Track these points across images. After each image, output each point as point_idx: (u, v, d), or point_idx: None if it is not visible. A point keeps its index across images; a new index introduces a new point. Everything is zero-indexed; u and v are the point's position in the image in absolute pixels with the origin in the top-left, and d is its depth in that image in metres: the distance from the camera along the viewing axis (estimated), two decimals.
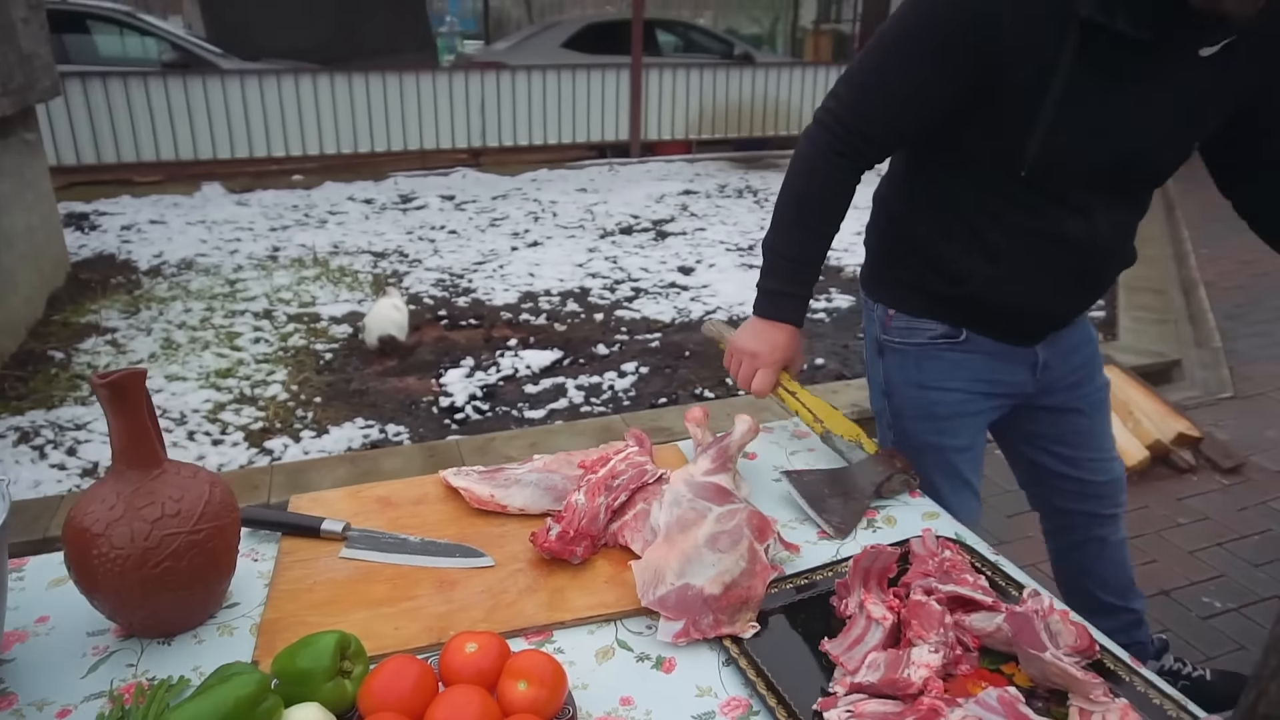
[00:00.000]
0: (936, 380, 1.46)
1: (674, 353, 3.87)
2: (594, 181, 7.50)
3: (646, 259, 5.30)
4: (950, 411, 1.47)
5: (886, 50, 1.25)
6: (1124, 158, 1.23)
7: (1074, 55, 1.13)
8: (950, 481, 1.53)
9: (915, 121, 1.27)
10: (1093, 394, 1.57)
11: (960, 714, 0.80)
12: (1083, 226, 1.28)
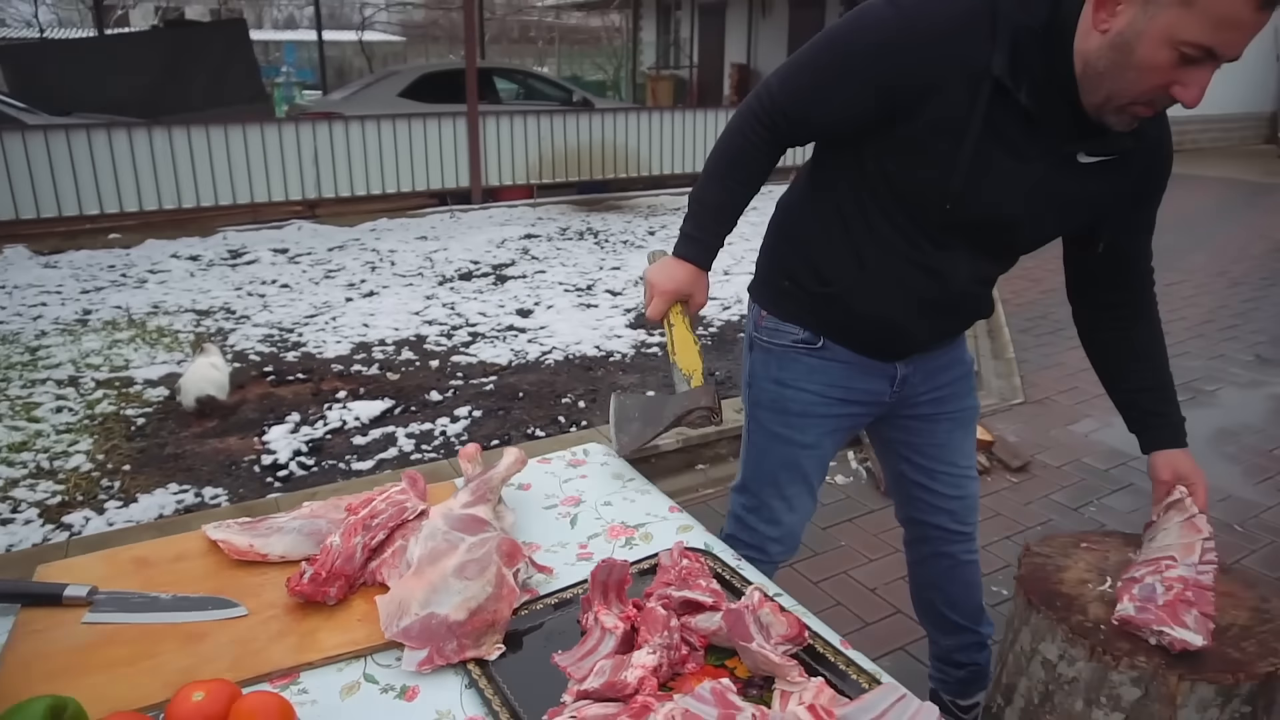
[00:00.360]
0: (793, 380, 1.59)
1: (508, 395, 3.89)
2: (435, 229, 7.46)
3: (485, 303, 5.31)
4: (802, 410, 1.59)
5: (823, 56, 1.35)
6: (1004, 223, 1.38)
7: (982, 117, 1.25)
8: (789, 474, 1.66)
9: (830, 127, 1.40)
10: (956, 413, 1.70)
11: (669, 708, 0.86)
12: (946, 265, 1.42)
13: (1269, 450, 3.44)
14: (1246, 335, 4.78)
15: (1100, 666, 1.30)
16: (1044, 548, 1.57)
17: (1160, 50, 1.12)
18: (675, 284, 1.48)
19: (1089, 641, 1.32)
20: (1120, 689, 1.29)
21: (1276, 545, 2.78)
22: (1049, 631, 1.38)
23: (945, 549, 1.84)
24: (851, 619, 2.44)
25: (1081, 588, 1.44)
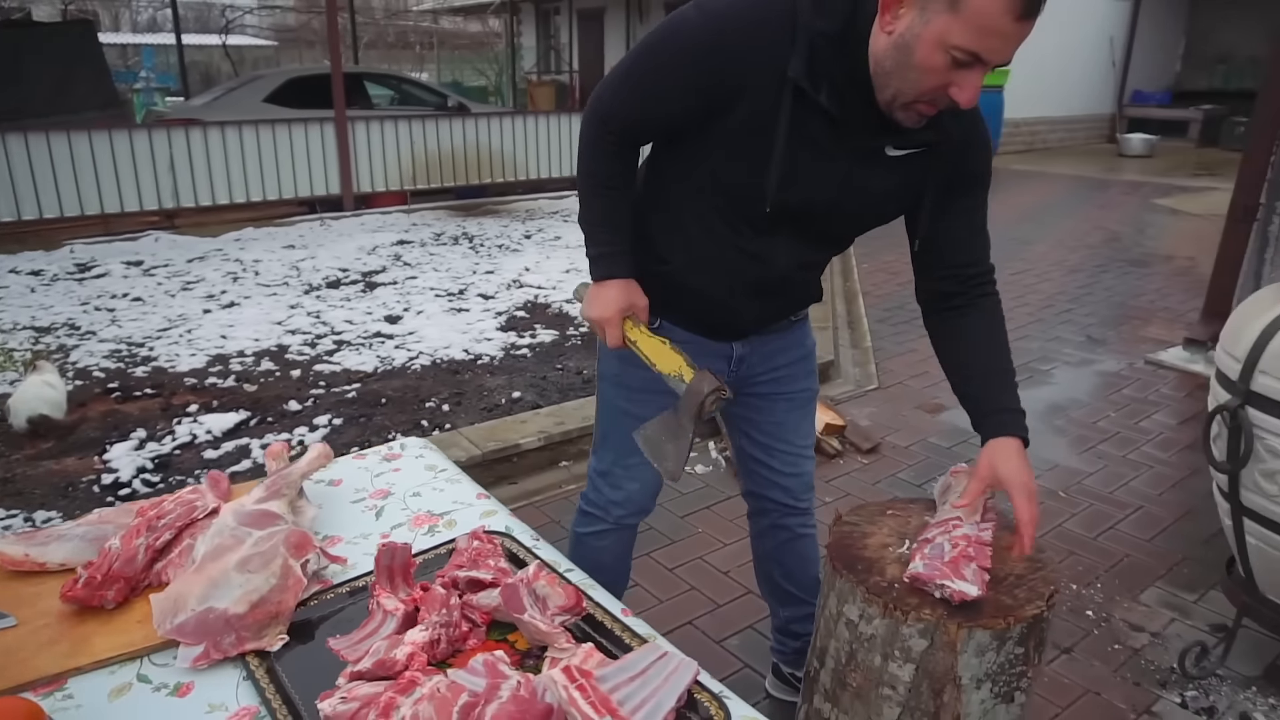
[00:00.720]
0: (634, 357, 1.64)
1: (371, 401, 3.82)
2: (303, 237, 7.25)
3: (352, 311, 5.19)
4: (641, 385, 1.64)
5: (641, 63, 1.40)
6: (820, 215, 1.46)
7: (788, 119, 1.32)
8: (626, 444, 1.70)
9: (664, 128, 1.44)
10: (794, 394, 1.78)
11: (435, 681, 0.88)
12: (769, 251, 1.49)
13: (1093, 422, 3.70)
14: (1079, 318, 5.13)
15: (893, 622, 1.39)
16: (854, 516, 1.66)
17: (935, 53, 1.21)
18: (613, 306, 1.48)
19: (883, 600, 1.40)
20: (910, 641, 1.38)
21: (1095, 508, 3.01)
22: (851, 594, 1.46)
23: (782, 522, 1.93)
24: (704, 601, 2.51)
25: (883, 551, 1.53)
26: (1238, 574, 2.19)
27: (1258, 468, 1.95)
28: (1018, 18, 1.16)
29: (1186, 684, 2.16)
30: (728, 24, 1.32)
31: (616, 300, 1.48)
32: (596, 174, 1.50)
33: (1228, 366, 2.01)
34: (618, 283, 1.50)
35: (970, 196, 1.53)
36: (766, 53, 1.31)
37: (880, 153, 1.41)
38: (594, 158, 1.49)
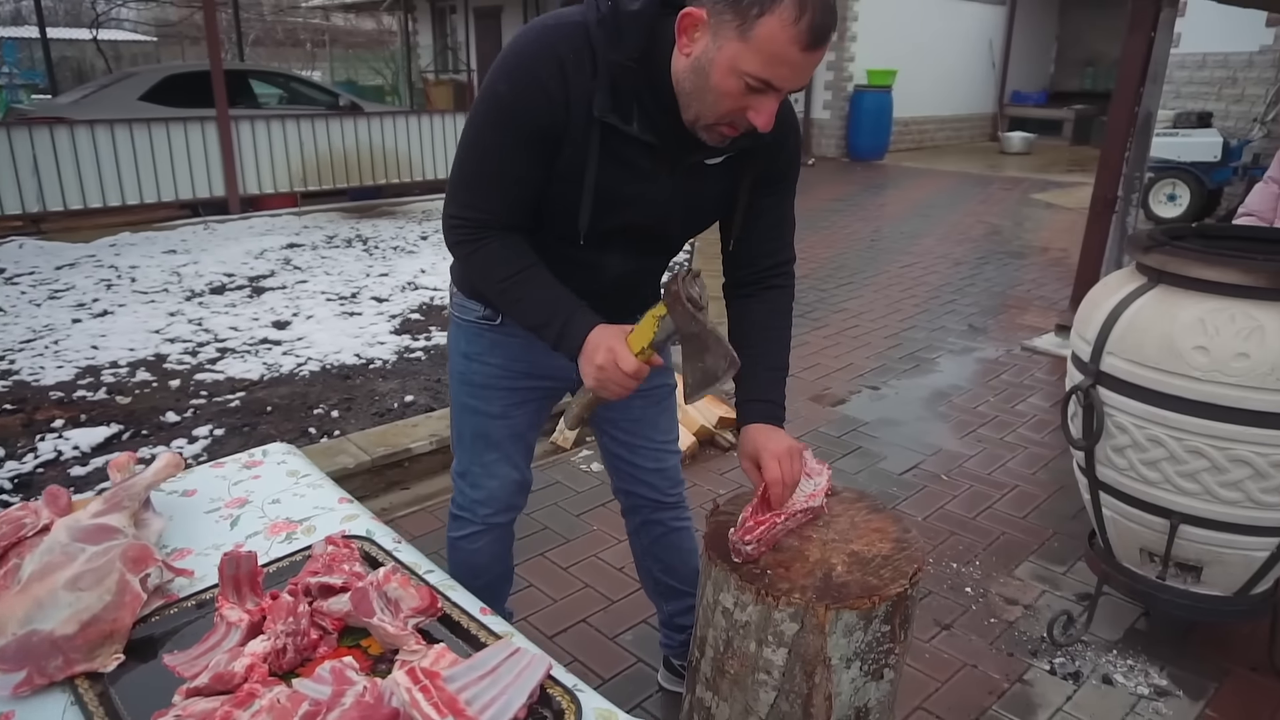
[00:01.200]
0: (478, 354, 1.66)
1: (256, 410, 3.68)
2: (186, 242, 6.94)
3: (237, 317, 4.99)
4: (485, 382, 1.66)
5: (471, 152, 1.38)
6: (647, 230, 1.48)
7: (598, 154, 1.33)
8: (482, 442, 1.74)
9: (529, 195, 1.40)
10: (649, 390, 1.76)
11: (275, 693, 0.84)
12: (602, 260, 1.51)
13: (974, 407, 3.86)
14: (963, 308, 5.35)
15: (765, 607, 1.41)
16: (731, 506, 1.68)
17: (728, 78, 1.24)
18: (602, 356, 1.37)
19: (755, 586, 1.42)
20: (782, 625, 1.40)
21: (975, 489, 3.13)
22: (725, 581, 1.48)
23: (654, 517, 1.94)
24: (598, 598, 2.50)
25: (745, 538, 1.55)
26: (1098, 545, 2.32)
27: (1109, 443, 2.06)
28: (804, 49, 1.19)
29: (1055, 651, 2.27)
30: (529, 79, 1.32)
31: (601, 348, 1.38)
32: (502, 275, 1.45)
33: (1080, 349, 2.12)
34: (595, 333, 1.40)
35: (777, 193, 1.58)
36: (572, 94, 1.32)
37: (701, 165, 1.45)
38: (488, 264, 1.45)
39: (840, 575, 1.44)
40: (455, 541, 1.92)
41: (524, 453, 1.84)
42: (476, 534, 1.88)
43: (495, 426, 1.74)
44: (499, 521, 1.88)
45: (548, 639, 2.34)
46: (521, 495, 1.89)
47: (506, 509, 1.86)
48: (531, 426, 1.82)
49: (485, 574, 1.99)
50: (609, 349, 1.36)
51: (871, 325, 4.99)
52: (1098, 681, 2.17)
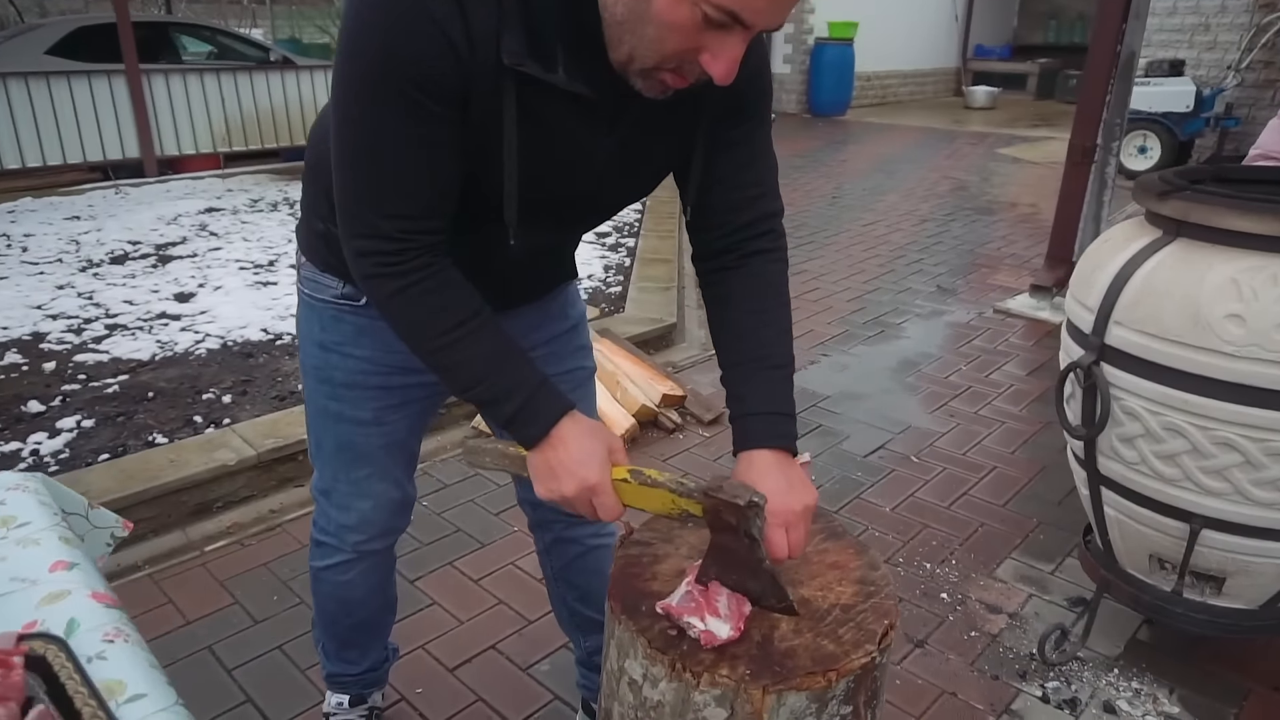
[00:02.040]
0: (338, 343, 1.31)
1: (136, 396, 3.23)
2: (93, 208, 6.35)
3: (135, 289, 4.49)
4: (349, 380, 1.33)
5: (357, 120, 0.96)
6: (580, 200, 1.12)
7: (517, 106, 0.96)
8: (349, 455, 1.39)
9: (446, 179, 1.01)
10: (562, 376, 1.40)
11: None
12: (517, 240, 1.09)
13: (944, 377, 3.52)
14: (930, 268, 5.00)
15: (683, 686, 1.03)
16: (647, 533, 1.29)
17: (678, 5, 0.85)
18: (594, 463, 1.04)
19: (669, 656, 1.04)
20: (706, 711, 1.03)
21: (948, 473, 2.79)
22: (631, 646, 1.09)
23: (568, 534, 1.58)
24: (512, 619, 2.12)
25: (676, 582, 1.17)
26: (1095, 546, 1.98)
27: (1115, 432, 1.71)
28: None
29: (1047, 673, 1.93)
30: (411, 9, 0.89)
31: (593, 452, 1.04)
32: (440, 329, 1.04)
33: (1079, 318, 1.75)
34: (564, 425, 1.05)
35: (748, 123, 1.16)
36: (474, 31, 0.91)
37: (650, 110, 1.02)
38: (418, 312, 1.04)
39: (785, 638, 1.06)
40: (320, 572, 1.55)
41: (404, 465, 1.47)
42: (346, 564, 1.52)
43: (365, 436, 1.38)
44: (374, 549, 1.52)
45: (448, 672, 1.95)
46: (402, 515, 1.53)
47: (384, 533, 1.51)
48: (413, 432, 1.45)
49: (360, 609, 1.61)
50: (586, 483, 1.03)
51: (833, 288, 4.62)
52: (1099, 711, 1.83)
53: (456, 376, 1.08)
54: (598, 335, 3.50)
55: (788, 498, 1.07)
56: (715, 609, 1.05)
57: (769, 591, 1.05)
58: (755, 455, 1.12)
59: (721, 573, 1.06)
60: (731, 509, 0.98)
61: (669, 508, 1.04)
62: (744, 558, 1.03)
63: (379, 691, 1.77)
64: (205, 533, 2.50)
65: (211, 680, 1.93)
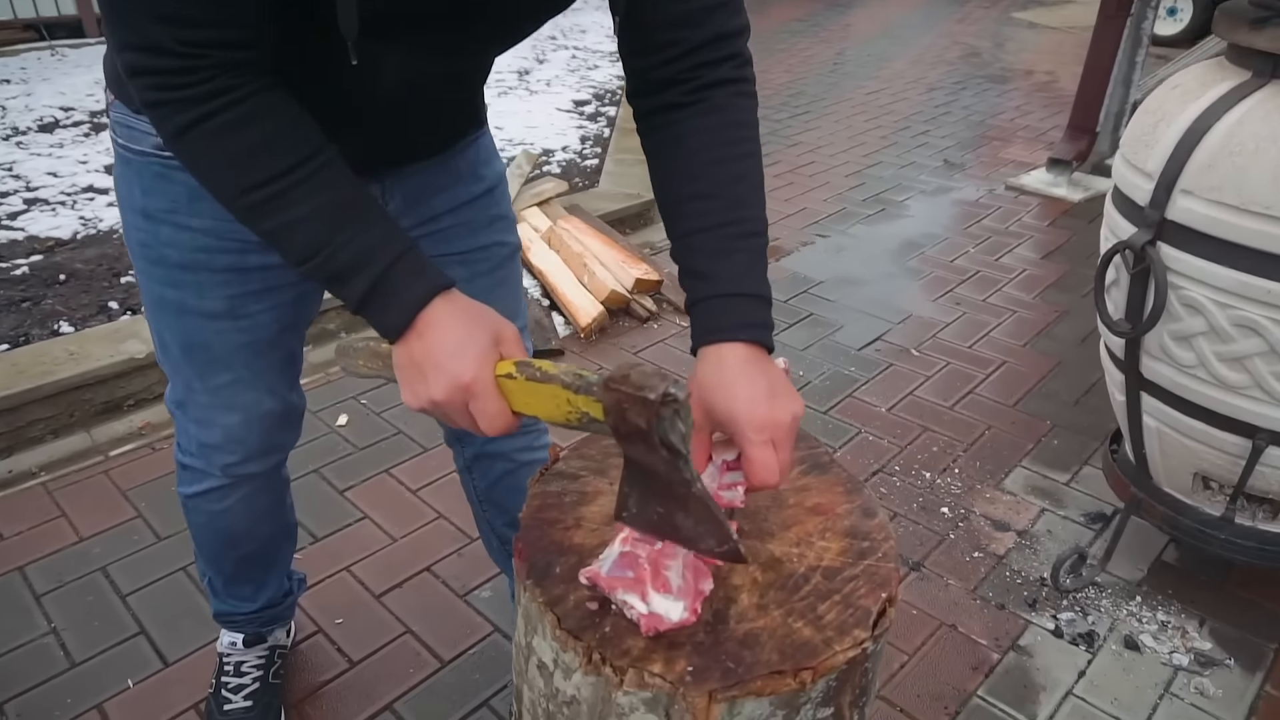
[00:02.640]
0: (166, 211, 1.00)
1: (48, 279, 2.89)
2: (25, 70, 5.81)
3: (61, 160, 4.07)
4: (186, 259, 1.03)
5: None
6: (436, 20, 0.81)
7: None
8: (200, 356, 1.10)
9: None
10: (473, 255, 1.13)
11: None
12: (376, 69, 0.84)
13: (950, 261, 3.18)
14: (936, 141, 4.57)
15: (602, 683, 0.75)
16: (576, 461, 0.99)
17: None
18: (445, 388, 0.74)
19: (584, 643, 0.76)
20: (632, 717, 0.75)
21: (952, 368, 2.49)
22: (539, 622, 0.81)
23: (493, 448, 1.34)
24: (452, 536, 1.86)
25: (605, 533, 0.87)
26: (1125, 458, 1.69)
27: (1169, 328, 1.39)
28: None
29: (1060, 601, 1.68)
30: None
31: (469, 341, 0.74)
32: (244, 171, 0.74)
33: (1133, 187, 1.41)
34: (446, 311, 0.75)
35: None
36: None
37: None
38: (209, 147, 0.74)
39: (745, 616, 0.77)
40: (189, 501, 1.29)
41: (280, 368, 1.17)
42: (219, 490, 1.25)
43: (220, 332, 1.08)
44: (252, 472, 1.24)
45: (375, 599, 1.70)
46: (284, 431, 1.24)
47: (262, 453, 1.22)
48: (289, 328, 1.15)
49: (247, 541, 1.34)
50: (459, 382, 0.73)
51: (830, 161, 4.22)
52: (1119, 647, 1.59)
53: (287, 243, 0.77)
54: (565, 213, 3.14)
55: (771, 405, 0.78)
56: (664, 581, 0.76)
57: (704, 529, 0.72)
58: (725, 351, 0.81)
59: (640, 505, 0.75)
60: (640, 406, 0.65)
61: (565, 411, 0.72)
62: (666, 481, 0.70)
63: (282, 628, 1.52)
64: (114, 434, 2.21)
65: (102, 607, 1.68)
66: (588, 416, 0.71)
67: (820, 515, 0.89)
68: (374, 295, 0.75)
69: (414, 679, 1.54)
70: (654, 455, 0.68)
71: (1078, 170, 3.81)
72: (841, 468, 0.97)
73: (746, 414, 0.77)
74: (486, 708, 1.48)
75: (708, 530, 0.72)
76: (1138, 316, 1.42)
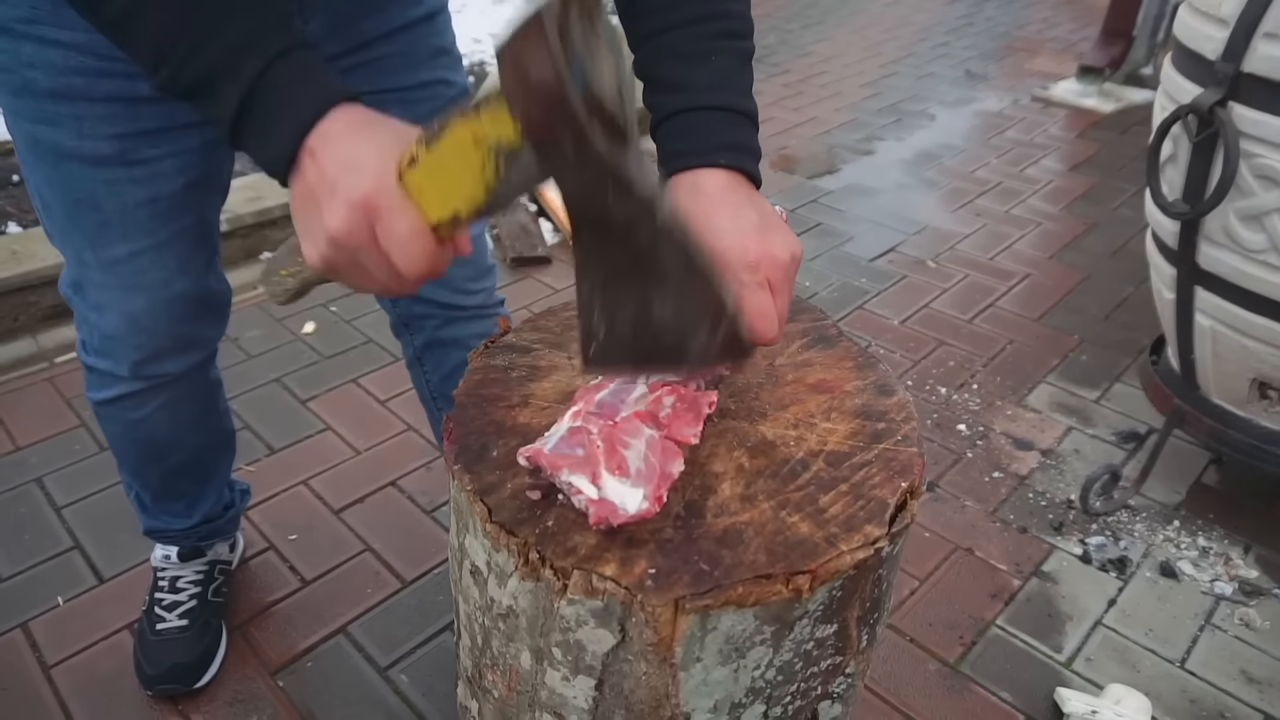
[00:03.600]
0: (25, 20, 0.80)
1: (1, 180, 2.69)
2: None
3: None
4: (59, 85, 0.82)
5: None
6: None
7: None
8: (85, 219, 0.90)
9: None
10: (416, 92, 0.95)
11: None
12: None
13: (970, 172, 2.95)
14: (958, 51, 4.29)
15: (541, 589, 0.59)
16: (530, 333, 0.82)
17: None
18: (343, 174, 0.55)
19: (520, 539, 0.59)
20: (580, 633, 0.58)
21: (971, 280, 2.30)
22: (469, 515, 0.64)
23: (445, 333, 1.18)
24: (421, 450, 1.70)
25: (558, 412, 0.70)
26: (1166, 368, 1.51)
27: (1236, 206, 1.20)
28: None
29: (1089, 525, 1.52)
30: None
31: (363, 151, 0.55)
32: None
33: (1201, 37, 1.20)
34: (340, 125, 0.56)
35: None
36: None
37: None
38: None
39: (726, 508, 0.61)
40: (102, 409, 1.12)
41: (194, 240, 0.99)
42: (133, 397, 1.08)
43: (111, 184, 0.90)
44: (167, 372, 1.06)
45: (333, 514, 1.54)
46: (204, 320, 1.07)
47: (179, 348, 1.05)
48: (197, 183, 0.95)
49: (174, 451, 1.18)
50: (355, 197, 0.54)
51: (844, 72, 3.95)
52: (1154, 574, 1.43)
53: (134, 40, 0.59)
54: None
55: (764, 240, 0.62)
56: (620, 462, 0.59)
57: (688, 302, 0.52)
58: (702, 178, 0.65)
59: (606, 314, 0.55)
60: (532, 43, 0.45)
61: (480, 163, 0.52)
62: (621, 229, 0.51)
63: (224, 542, 1.36)
64: (61, 340, 2.04)
65: (34, 519, 1.53)
66: (501, 145, 0.50)
67: (825, 393, 0.71)
68: (251, 109, 0.56)
69: (371, 600, 1.39)
70: (584, 159, 0.48)
71: (1110, 80, 3.55)
72: (852, 341, 0.79)
73: (735, 250, 0.60)
74: (449, 631, 1.34)
75: (693, 301, 0.51)
76: (1198, 195, 1.22)
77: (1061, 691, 1.22)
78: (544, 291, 2.22)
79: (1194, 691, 1.25)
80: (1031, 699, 1.24)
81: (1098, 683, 1.26)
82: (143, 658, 1.25)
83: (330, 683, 1.26)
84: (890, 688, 1.25)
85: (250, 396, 1.83)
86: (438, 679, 1.27)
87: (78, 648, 1.31)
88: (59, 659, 1.30)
